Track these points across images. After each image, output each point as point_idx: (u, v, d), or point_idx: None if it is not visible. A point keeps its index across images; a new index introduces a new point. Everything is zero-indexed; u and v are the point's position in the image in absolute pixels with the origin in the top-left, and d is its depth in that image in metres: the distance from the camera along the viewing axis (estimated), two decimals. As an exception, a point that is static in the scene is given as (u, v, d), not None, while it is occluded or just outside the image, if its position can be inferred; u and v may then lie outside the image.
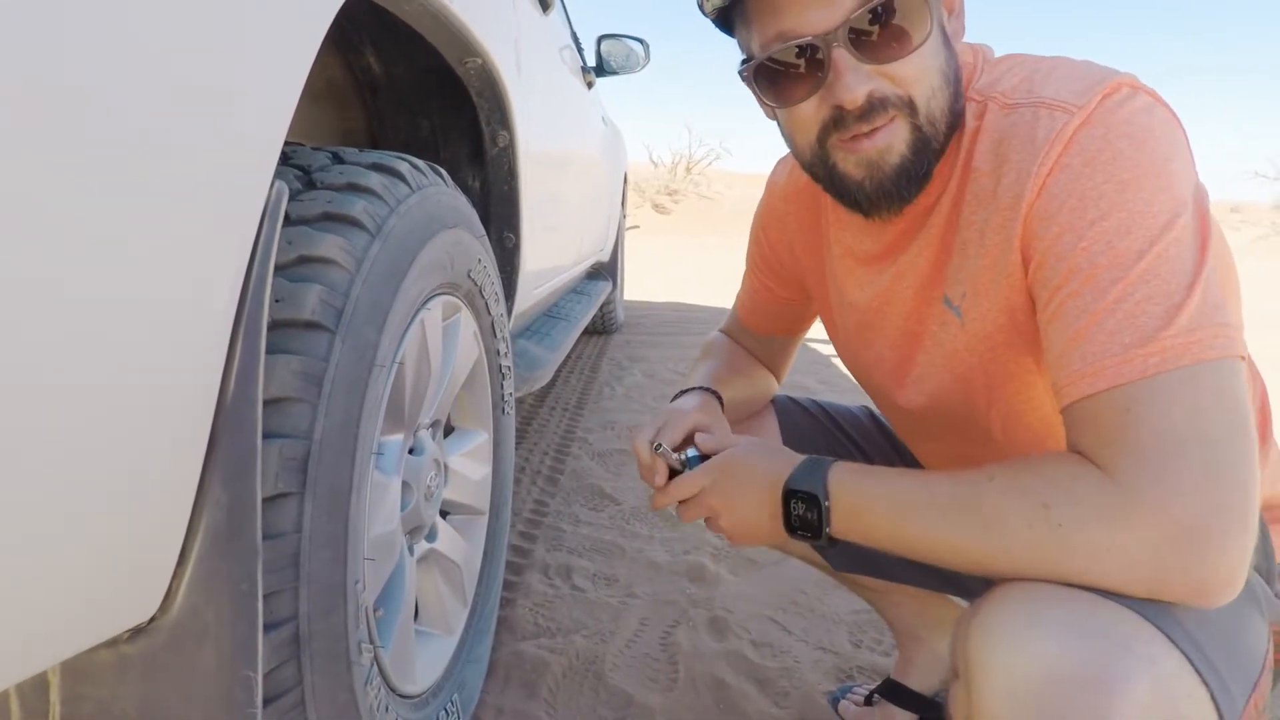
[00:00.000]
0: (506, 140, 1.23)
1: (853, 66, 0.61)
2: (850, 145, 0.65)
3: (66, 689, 0.45)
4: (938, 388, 0.76)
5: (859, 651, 1.26)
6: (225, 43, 0.44)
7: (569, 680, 1.15)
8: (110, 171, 0.37)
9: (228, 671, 0.45)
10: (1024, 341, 0.67)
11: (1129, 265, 0.55)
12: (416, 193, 0.79)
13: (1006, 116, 0.64)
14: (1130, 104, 0.59)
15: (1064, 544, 0.53)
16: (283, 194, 0.50)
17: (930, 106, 0.63)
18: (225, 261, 0.45)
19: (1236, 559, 0.51)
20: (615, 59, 2.99)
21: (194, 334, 0.43)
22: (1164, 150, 0.57)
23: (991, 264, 0.65)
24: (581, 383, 2.99)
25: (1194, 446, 0.51)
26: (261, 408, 0.47)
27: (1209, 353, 0.52)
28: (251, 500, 0.46)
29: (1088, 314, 0.55)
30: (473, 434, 1.13)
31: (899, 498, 0.63)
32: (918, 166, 0.65)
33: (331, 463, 0.61)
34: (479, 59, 1.04)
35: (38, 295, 0.34)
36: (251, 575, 0.46)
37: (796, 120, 0.67)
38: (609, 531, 1.68)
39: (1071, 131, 0.59)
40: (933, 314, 0.73)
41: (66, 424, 0.37)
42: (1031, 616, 0.53)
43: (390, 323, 0.71)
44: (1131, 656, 0.50)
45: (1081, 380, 0.55)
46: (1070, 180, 0.58)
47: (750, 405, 1.01)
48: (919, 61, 0.62)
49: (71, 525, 0.39)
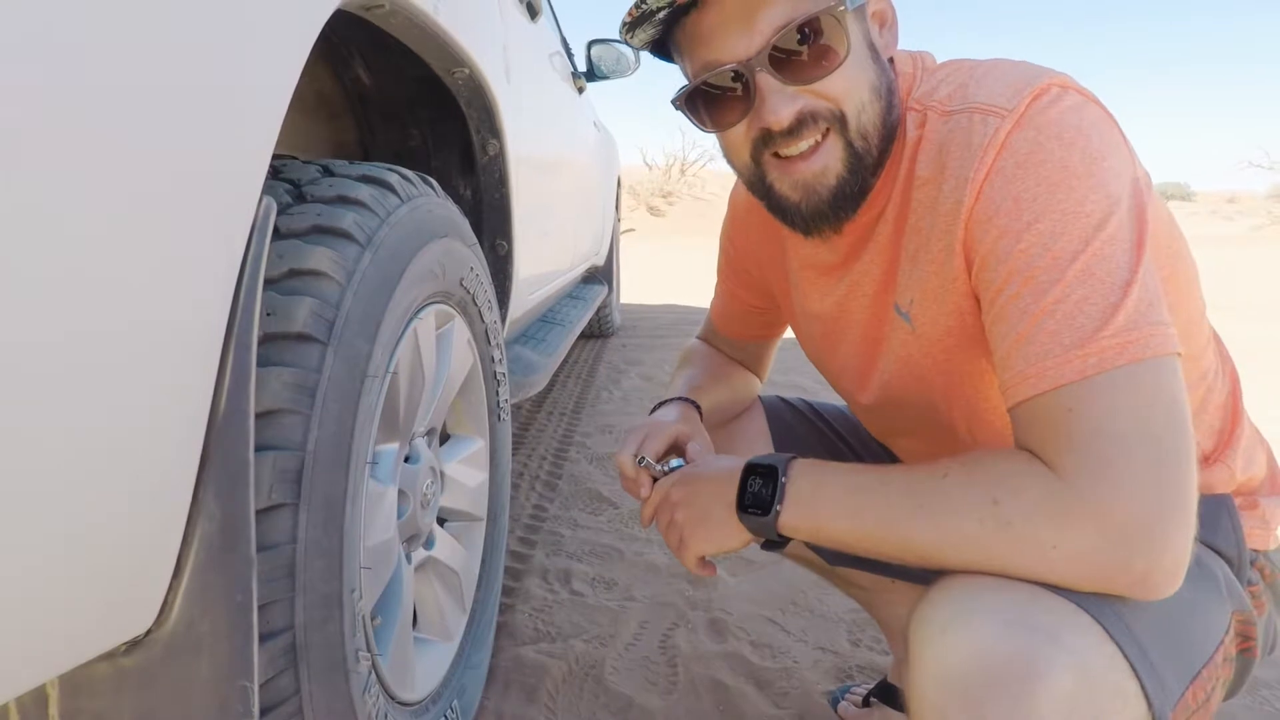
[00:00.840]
0: (496, 148, 1.24)
1: (776, 89, 0.63)
2: (785, 166, 0.66)
3: (65, 702, 0.46)
4: (900, 391, 0.78)
5: (858, 650, 1.27)
6: (211, 64, 0.45)
7: (569, 684, 1.16)
8: (96, 189, 0.38)
9: (224, 682, 0.46)
10: (976, 344, 0.68)
11: (1065, 266, 0.56)
12: (406, 203, 0.80)
13: (945, 124, 0.65)
14: (1059, 104, 0.60)
15: (1012, 539, 0.55)
16: (270, 209, 0.51)
17: (861, 120, 0.65)
18: (215, 277, 0.45)
19: (1179, 552, 0.52)
20: (606, 64, 3.00)
21: (185, 348, 0.44)
22: (1094, 148, 0.58)
23: (937, 270, 0.66)
24: (579, 387, 2.99)
25: (1135, 444, 0.52)
26: (253, 420, 0.48)
27: (1145, 352, 0.53)
28: (245, 512, 0.47)
29: (1028, 316, 0.57)
30: (469, 441, 1.14)
31: (855, 487, 0.63)
32: (853, 184, 0.66)
33: (325, 473, 0.61)
34: (466, 69, 1.05)
35: (28, 312, 0.35)
36: (246, 586, 0.47)
37: (730, 143, 0.69)
38: (608, 535, 1.69)
39: (1004, 136, 0.60)
40: (886, 320, 0.75)
41: (60, 439, 0.38)
42: (968, 606, 0.54)
43: (382, 333, 0.72)
44: (1058, 647, 0.51)
45: (1025, 381, 0.57)
46: (1004, 183, 0.59)
47: (732, 409, 1.02)
48: (844, 77, 0.63)
49: (67, 539, 0.40)
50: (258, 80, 0.49)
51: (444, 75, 1.07)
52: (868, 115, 0.65)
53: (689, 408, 0.90)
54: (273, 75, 0.51)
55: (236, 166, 0.47)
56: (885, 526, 0.60)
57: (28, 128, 0.34)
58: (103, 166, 0.38)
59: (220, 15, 0.46)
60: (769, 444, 1.01)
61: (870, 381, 0.81)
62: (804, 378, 3.10)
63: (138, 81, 0.40)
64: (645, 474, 0.80)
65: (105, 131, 0.38)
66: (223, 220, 0.46)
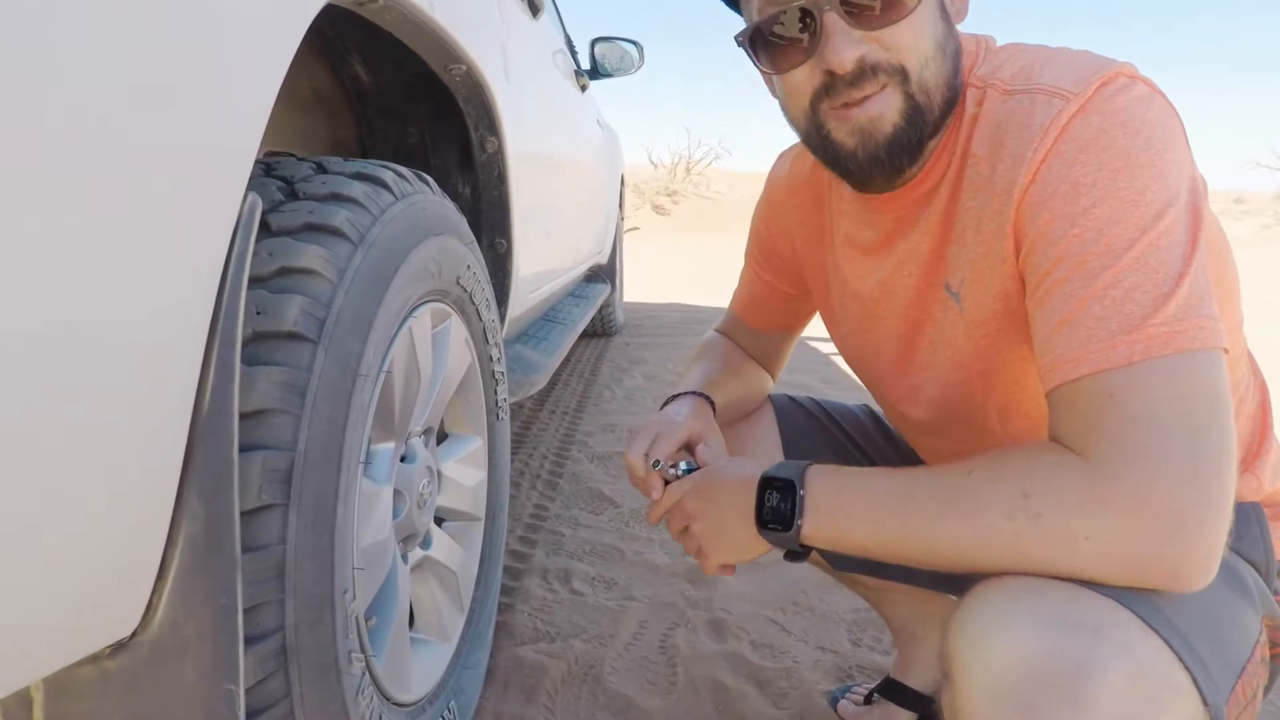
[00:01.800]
0: (495, 146, 1.23)
1: (843, 31, 0.61)
2: (842, 113, 0.65)
3: (50, 705, 0.45)
4: (937, 377, 0.76)
5: (858, 650, 1.26)
6: (193, 58, 0.44)
7: (568, 685, 1.15)
8: (77, 184, 0.37)
9: (209, 686, 0.45)
10: (1019, 330, 0.66)
11: (1119, 253, 0.55)
12: (401, 200, 0.80)
13: (1004, 103, 0.64)
14: (1127, 93, 0.59)
15: (1044, 533, 0.53)
16: (256, 206, 0.50)
17: (923, 75, 0.63)
18: (198, 274, 0.45)
19: (1212, 543, 0.51)
20: (609, 62, 3.00)
21: (168, 347, 0.43)
22: (1158, 140, 0.57)
23: (987, 250, 0.65)
24: (581, 385, 2.99)
25: (1173, 434, 0.51)
26: (238, 420, 0.48)
27: (1193, 343, 0.52)
28: (229, 513, 0.46)
29: (1075, 299, 0.56)
30: (466, 440, 1.13)
31: (876, 491, 0.62)
32: (910, 135, 0.65)
33: (316, 473, 0.61)
34: (463, 65, 1.04)
35: (5, 309, 0.34)
36: (231, 588, 0.46)
37: (791, 87, 0.67)
38: (608, 535, 1.68)
39: (1067, 119, 0.59)
40: (935, 300, 0.73)
41: (41, 439, 0.37)
42: (1008, 611, 0.53)
43: (375, 332, 0.71)
44: (1106, 644, 0.50)
45: (1065, 365, 0.56)
46: (1064, 167, 0.58)
47: (744, 405, 1.01)
48: (911, 28, 0.62)
49: (50, 541, 0.39)
50: (242, 76, 0.48)
51: (441, 72, 1.06)
52: (930, 71, 0.63)
53: (703, 403, 0.88)
54: (258, 70, 0.50)
55: (220, 163, 0.46)
56: (910, 530, 0.59)
57: (9, 124, 0.33)
58: (82, 163, 0.37)
59: (203, 7, 0.45)
60: (778, 444, 0.99)
61: (909, 365, 0.79)
62: (809, 376, 3.09)
63: (119, 77, 0.39)
64: (656, 476, 0.79)
65: (85, 127, 0.37)
66: (206, 217, 0.45)
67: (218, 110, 0.46)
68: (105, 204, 0.38)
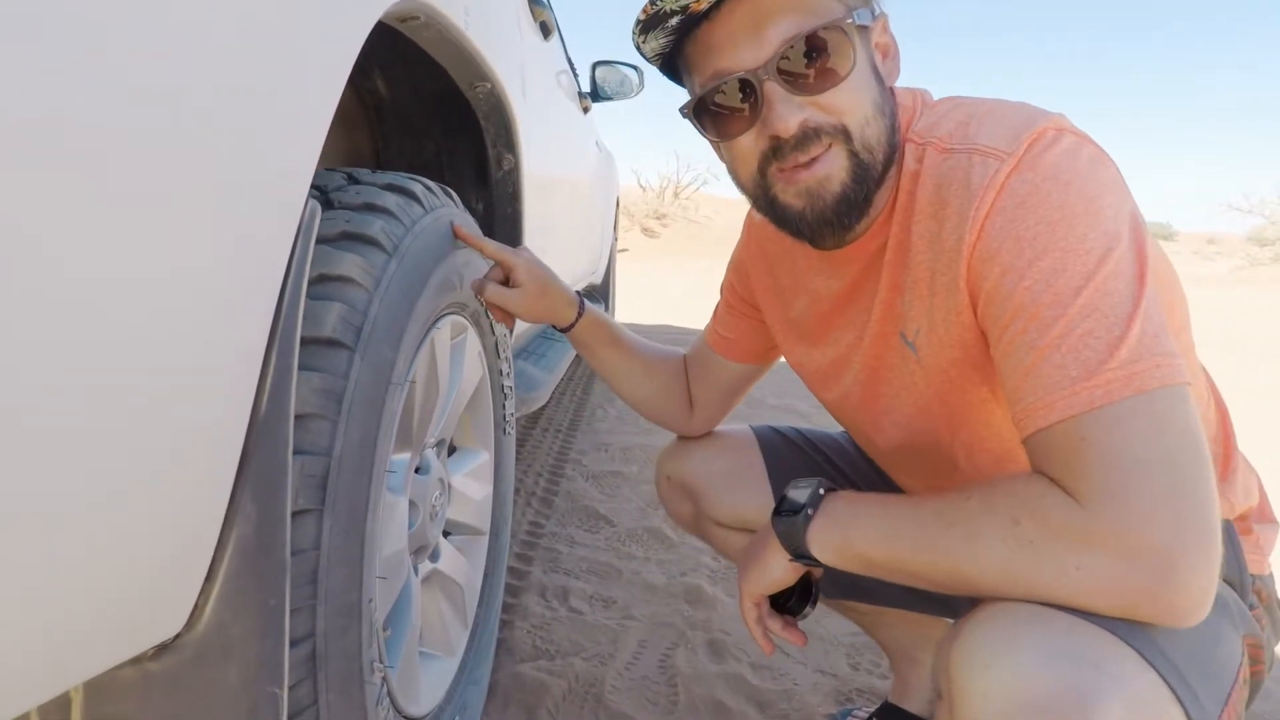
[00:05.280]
0: (512, 163, 1.25)
1: (784, 98, 0.64)
2: (790, 176, 0.67)
3: (89, 707, 0.45)
4: (904, 420, 0.79)
5: (857, 674, 1.26)
6: (265, 66, 0.45)
7: (569, 703, 1.14)
8: (148, 186, 0.38)
9: (253, 688, 0.45)
10: (979, 373, 0.69)
11: (1068, 301, 0.57)
12: (430, 213, 0.81)
13: (945, 161, 0.67)
14: (1056, 147, 0.61)
15: (1035, 560, 0.55)
16: (315, 212, 0.51)
17: (865, 134, 0.66)
18: (262, 277, 0.45)
19: (1205, 580, 0.52)
20: (610, 85, 3.03)
21: (230, 348, 0.44)
22: (1090, 188, 0.60)
23: (943, 303, 0.68)
24: (574, 405, 2.99)
25: (1151, 471, 0.53)
26: (293, 423, 0.48)
27: (1153, 382, 0.54)
28: (281, 515, 0.47)
29: (1034, 350, 0.58)
30: (475, 454, 1.13)
31: (887, 508, 0.66)
32: (857, 192, 0.67)
33: (349, 480, 0.61)
34: (489, 84, 1.06)
35: (76, 308, 0.35)
36: (280, 591, 0.46)
37: (738, 154, 0.70)
38: (605, 553, 1.68)
39: (1003, 178, 0.61)
40: (891, 348, 0.76)
41: (100, 437, 0.38)
42: (1008, 639, 0.54)
43: (405, 341, 0.72)
44: (1105, 676, 0.51)
45: (1035, 413, 0.58)
46: (1005, 223, 0.61)
47: (624, 360, 1.03)
48: (849, 91, 0.65)
49: (102, 541, 0.39)
50: (309, 84, 0.49)
51: (466, 89, 1.08)
52: (871, 130, 0.66)
53: (570, 296, 0.98)
54: (322, 80, 0.51)
55: (287, 170, 0.47)
56: (911, 546, 0.61)
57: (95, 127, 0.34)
58: (158, 165, 0.38)
59: (276, 22, 0.46)
60: (764, 475, 1.01)
61: (874, 410, 0.82)
62: (798, 401, 3.11)
63: (199, 82, 0.40)
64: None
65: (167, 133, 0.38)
66: (272, 221, 0.46)
67: (287, 118, 0.46)
68: (181, 206, 0.39)
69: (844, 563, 0.67)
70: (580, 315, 0.99)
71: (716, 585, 1.54)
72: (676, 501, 1.06)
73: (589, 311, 1.00)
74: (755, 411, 2.94)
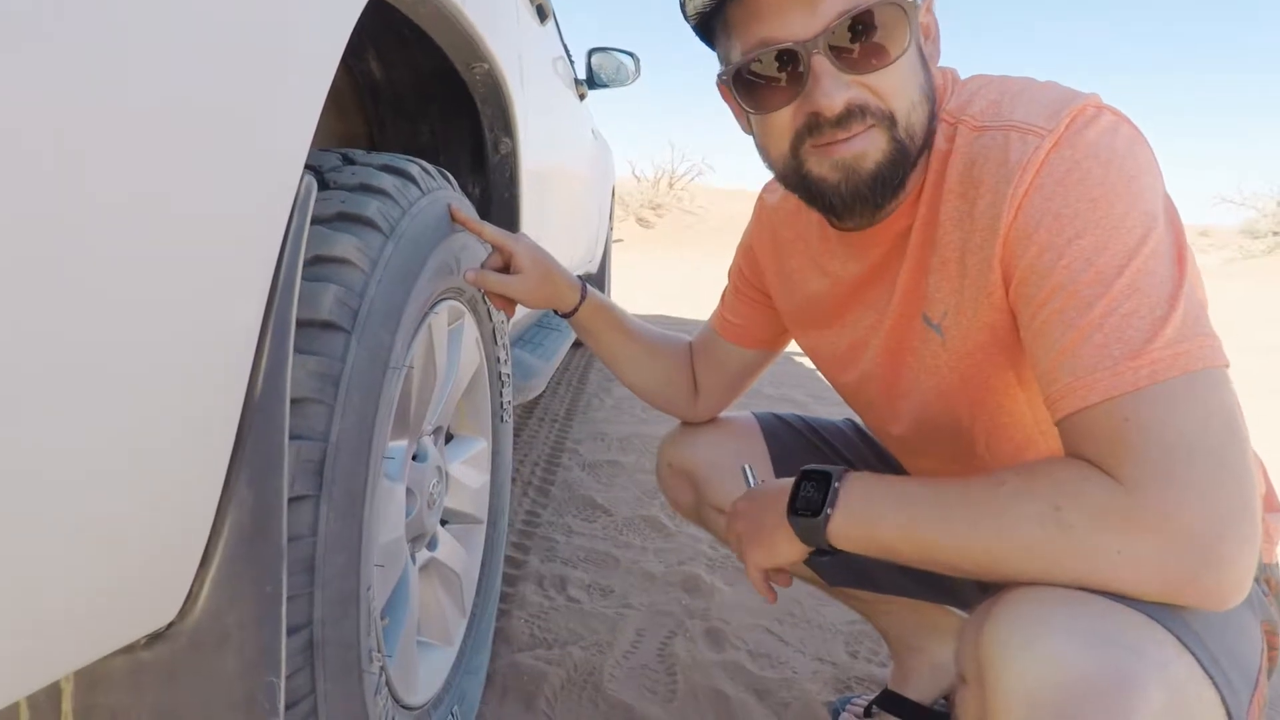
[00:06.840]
0: (509, 148, 1.23)
1: (832, 74, 0.62)
2: (825, 150, 0.65)
3: (79, 697, 0.43)
4: (923, 404, 0.78)
5: (856, 662, 1.26)
6: (261, 37, 0.44)
7: (567, 692, 1.14)
8: (141, 163, 0.36)
9: (250, 677, 0.44)
10: (1005, 357, 0.68)
11: (1110, 280, 0.56)
12: (426, 195, 0.79)
13: (977, 139, 0.65)
14: (1096, 124, 0.60)
15: (1075, 545, 0.54)
16: (312, 188, 0.49)
17: (910, 120, 0.64)
18: (256, 256, 0.44)
19: (1246, 563, 0.52)
20: (606, 72, 3.00)
21: (224, 330, 0.42)
22: (1130, 168, 0.59)
23: (973, 283, 0.66)
24: (570, 394, 2.97)
25: (1196, 454, 0.52)
26: (289, 405, 0.46)
27: (1198, 363, 0.54)
28: (277, 500, 0.45)
29: (1074, 329, 0.57)
30: (473, 441, 1.12)
31: (909, 495, 0.63)
32: (893, 175, 0.66)
33: (347, 465, 0.60)
34: (486, 64, 1.04)
35: (67, 290, 0.33)
36: (276, 577, 0.45)
37: (771, 128, 0.67)
38: (602, 542, 1.67)
39: (1043, 155, 0.60)
40: (914, 332, 0.74)
41: (91, 421, 0.36)
42: (1044, 621, 0.53)
43: (403, 325, 0.70)
44: (1145, 660, 0.50)
45: (1075, 393, 0.56)
46: (1044, 200, 0.60)
47: (627, 345, 1.02)
48: (898, 74, 0.63)
49: (94, 528, 0.38)
50: (305, 55, 0.48)
51: (463, 70, 1.06)
52: (916, 115, 0.64)
53: (573, 282, 0.96)
54: (318, 51, 0.49)
55: (283, 143, 0.45)
56: (941, 534, 0.60)
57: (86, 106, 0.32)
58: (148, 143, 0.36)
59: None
60: (768, 464, 1.00)
61: (894, 393, 0.80)
62: (796, 391, 3.11)
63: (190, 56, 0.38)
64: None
65: (157, 111, 0.36)
66: (266, 197, 0.44)
67: (285, 90, 0.45)
68: (168, 182, 0.38)
69: (866, 552, 0.66)
70: (583, 299, 0.97)
71: (714, 573, 1.53)
72: (678, 488, 1.05)
73: (591, 295, 0.98)
74: (752, 401, 2.93)
